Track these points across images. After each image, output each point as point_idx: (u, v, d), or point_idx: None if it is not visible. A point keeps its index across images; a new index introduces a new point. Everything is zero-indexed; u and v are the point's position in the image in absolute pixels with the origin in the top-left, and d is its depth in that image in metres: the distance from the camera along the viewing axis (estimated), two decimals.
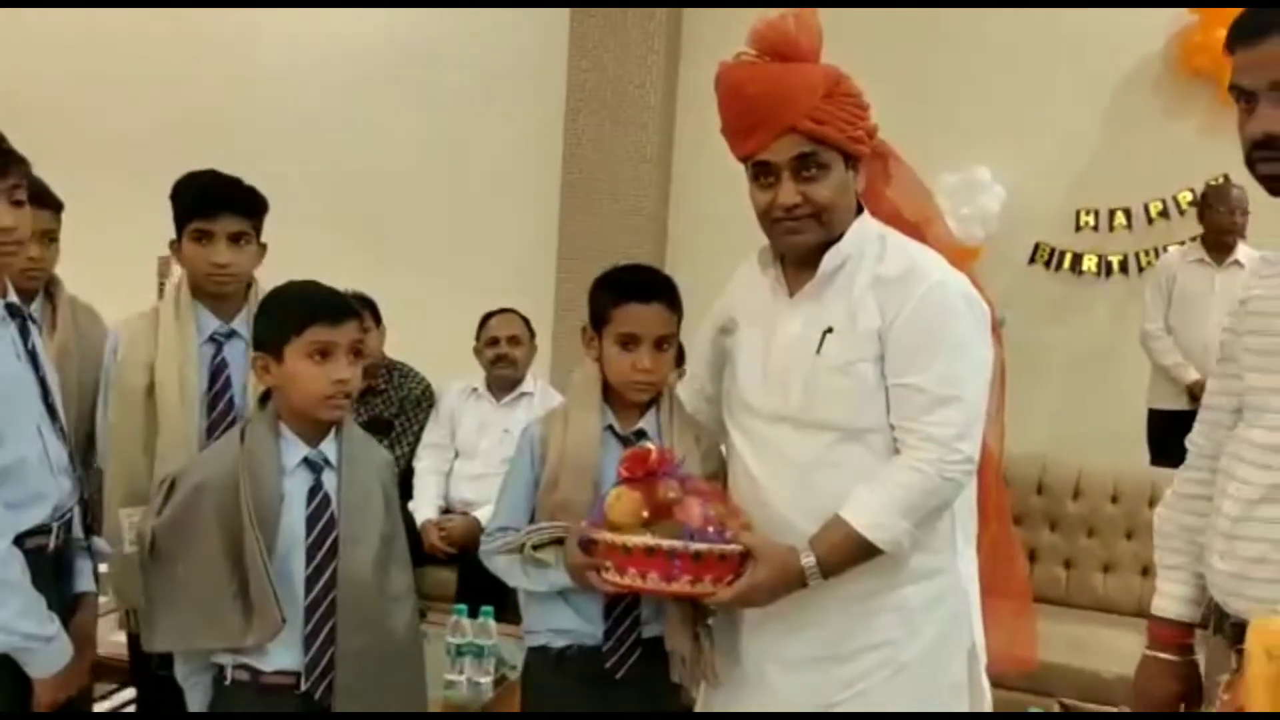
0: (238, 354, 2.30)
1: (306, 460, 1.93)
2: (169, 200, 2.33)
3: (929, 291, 1.78)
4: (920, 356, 1.76)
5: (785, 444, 1.85)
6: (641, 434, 2.04)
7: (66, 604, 1.96)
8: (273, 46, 5.32)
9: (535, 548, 1.94)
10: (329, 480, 1.93)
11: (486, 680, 2.66)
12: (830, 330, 1.81)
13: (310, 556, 1.89)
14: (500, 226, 5.00)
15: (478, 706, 2.63)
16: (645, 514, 1.78)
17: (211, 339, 2.31)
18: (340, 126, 5.20)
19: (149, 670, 2.19)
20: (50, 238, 2.53)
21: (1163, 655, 1.68)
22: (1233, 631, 1.50)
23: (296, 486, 1.91)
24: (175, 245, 2.33)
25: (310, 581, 1.89)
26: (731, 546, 1.78)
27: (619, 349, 2.00)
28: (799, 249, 1.85)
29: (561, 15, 4.73)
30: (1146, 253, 4.62)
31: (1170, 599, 1.69)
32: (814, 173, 1.78)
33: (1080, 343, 4.67)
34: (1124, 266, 4.64)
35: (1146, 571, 3.59)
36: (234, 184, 2.32)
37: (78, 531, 2.00)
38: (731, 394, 1.98)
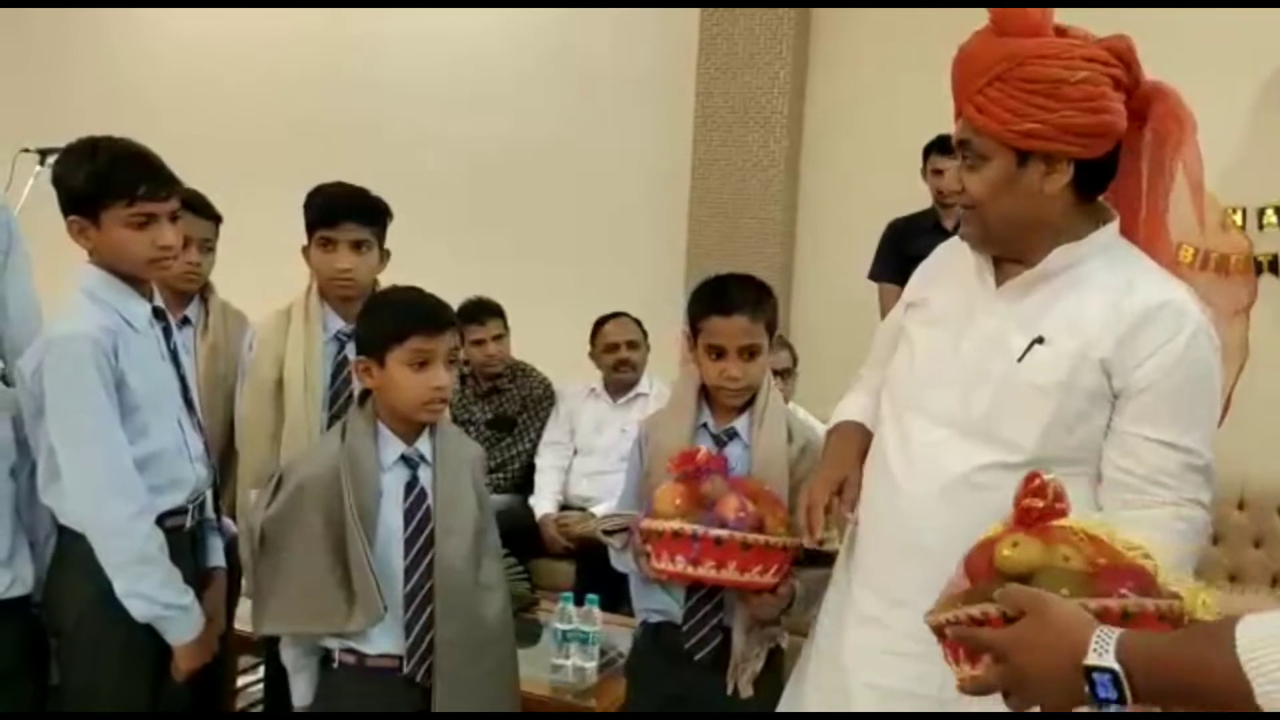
0: None
1: (403, 457, 2.05)
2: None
3: (1196, 334, 1.55)
4: (1188, 411, 1.57)
5: (943, 451, 1.63)
6: (733, 433, 2.16)
7: (199, 579, 2.15)
8: (399, 55, 5.43)
9: (607, 533, 2.08)
10: (424, 476, 2.05)
11: (591, 665, 2.76)
12: (1041, 340, 1.59)
13: (408, 548, 2.01)
14: (627, 231, 5.07)
15: (582, 689, 2.73)
16: (678, 503, 1.92)
17: (335, 338, 2.47)
18: (468, 134, 5.28)
19: (274, 646, 2.36)
20: (208, 246, 2.74)
21: None
22: None
23: (394, 482, 2.03)
24: (306, 250, 2.51)
25: (409, 571, 2.01)
26: (756, 537, 1.87)
27: (709, 358, 2.12)
28: (970, 244, 1.68)
29: (690, 21, 4.76)
30: None
31: None
32: (972, 162, 1.62)
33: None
34: (1274, 266, 4.42)
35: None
36: (357, 194, 2.49)
37: (209, 512, 2.20)
38: (897, 381, 1.78)
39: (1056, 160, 1.57)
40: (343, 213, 2.43)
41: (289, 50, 5.68)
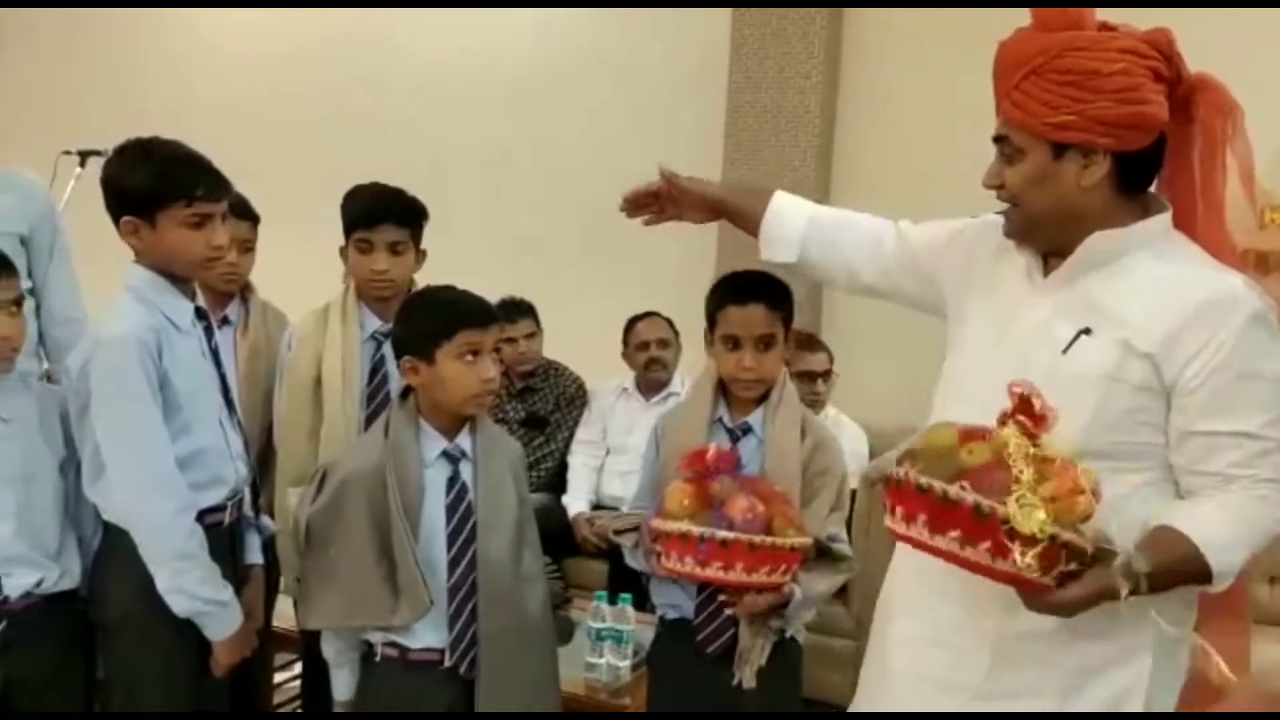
0: None
1: (445, 453, 2.07)
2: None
3: (1247, 323, 1.51)
4: (1251, 399, 1.52)
5: None
6: (747, 428, 2.17)
7: (238, 575, 2.17)
8: (428, 53, 5.43)
9: (618, 532, 2.10)
10: (465, 471, 2.07)
11: (625, 664, 2.78)
12: (1087, 331, 1.57)
13: (451, 542, 2.03)
14: (658, 230, 5.04)
15: (617, 688, 2.75)
16: (686, 503, 1.94)
17: (373, 337, 2.48)
18: (499, 133, 5.29)
19: (311, 641, 2.37)
20: (247, 247, 2.76)
21: None
22: None
23: (436, 477, 2.06)
24: (344, 251, 2.53)
25: (452, 565, 2.03)
26: (763, 538, 1.88)
27: (725, 349, 2.13)
28: (1014, 239, 1.68)
29: (723, 21, 4.76)
30: None
31: None
32: (1010, 157, 1.61)
33: None
34: None
35: None
36: (394, 196, 2.50)
37: (248, 510, 2.22)
38: (949, 376, 1.79)
39: (1093, 153, 1.56)
40: (380, 215, 2.44)
41: (317, 45, 5.68)
